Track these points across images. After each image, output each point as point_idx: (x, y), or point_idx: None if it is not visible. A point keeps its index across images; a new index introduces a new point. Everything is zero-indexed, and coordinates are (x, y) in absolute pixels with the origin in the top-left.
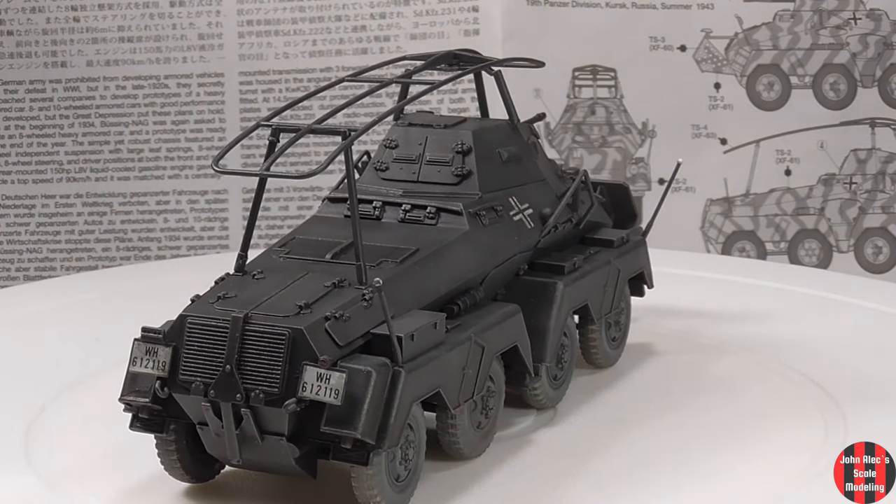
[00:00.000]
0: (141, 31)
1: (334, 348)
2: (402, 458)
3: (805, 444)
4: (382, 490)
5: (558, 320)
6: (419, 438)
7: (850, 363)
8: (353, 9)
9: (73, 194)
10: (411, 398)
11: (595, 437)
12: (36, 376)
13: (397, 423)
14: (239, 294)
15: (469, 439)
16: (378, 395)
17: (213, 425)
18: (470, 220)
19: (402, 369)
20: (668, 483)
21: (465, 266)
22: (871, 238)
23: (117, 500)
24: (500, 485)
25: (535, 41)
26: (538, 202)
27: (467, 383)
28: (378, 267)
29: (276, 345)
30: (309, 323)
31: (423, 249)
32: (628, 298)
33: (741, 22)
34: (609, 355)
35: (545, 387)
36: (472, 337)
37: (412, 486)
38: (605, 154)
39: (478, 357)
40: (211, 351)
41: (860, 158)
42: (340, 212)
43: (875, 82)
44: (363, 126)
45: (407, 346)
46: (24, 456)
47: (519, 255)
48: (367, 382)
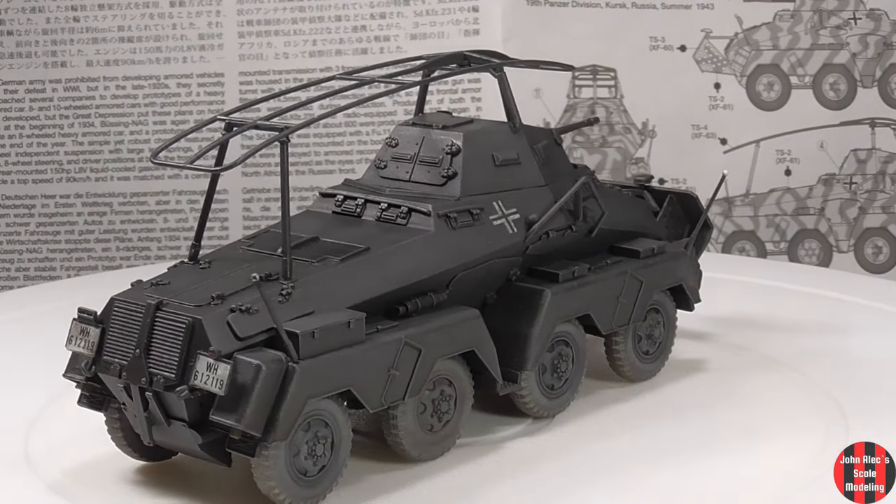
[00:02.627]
0: (141, 31)
1: (233, 340)
2: (309, 453)
3: (805, 443)
4: (282, 483)
5: (543, 328)
6: (336, 436)
7: (850, 363)
8: (353, 9)
9: (73, 194)
10: (307, 394)
11: (577, 443)
12: (36, 376)
13: (287, 417)
14: (173, 281)
15: (416, 441)
16: (267, 388)
17: (129, 406)
18: (437, 222)
19: (296, 365)
20: (669, 483)
21: (418, 267)
22: (871, 238)
23: (117, 499)
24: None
25: (535, 41)
26: (529, 208)
27: (395, 385)
28: (319, 263)
29: (176, 332)
30: (209, 314)
31: (374, 248)
32: (669, 312)
33: (741, 22)
34: (639, 369)
35: (535, 395)
36: (402, 338)
37: (326, 482)
38: (605, 154)
39: (412, 359)
40: (128, 334)
41: (860, 158)
42: (329, 207)
43: (875, 82)
44: (298, 124)
45: (306, 343)
46: (24, 456)
47: (499, 261)
48: (256, 375)
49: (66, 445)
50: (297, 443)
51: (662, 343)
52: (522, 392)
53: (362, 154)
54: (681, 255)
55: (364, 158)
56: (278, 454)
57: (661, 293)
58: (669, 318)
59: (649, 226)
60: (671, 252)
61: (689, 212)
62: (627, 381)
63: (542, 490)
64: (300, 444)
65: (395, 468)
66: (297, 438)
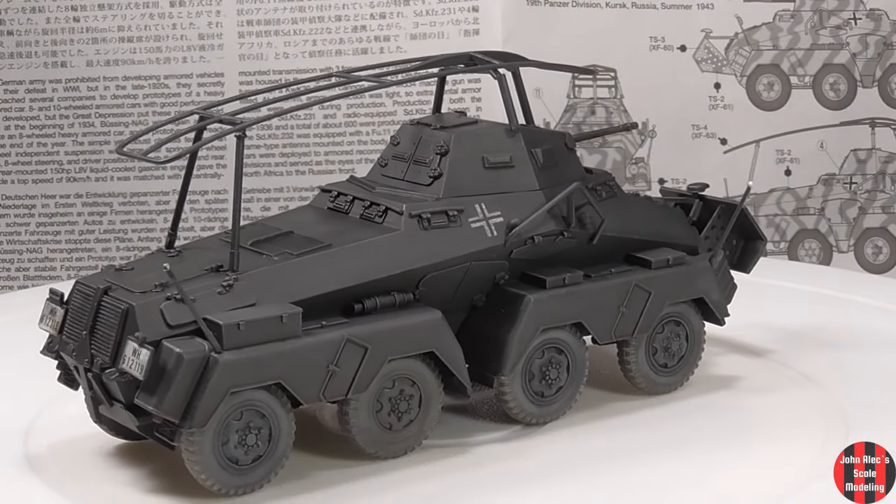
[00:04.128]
0: (141, 31)
1: (163, 327)
2: (240, 442)
3: (805, 443)
4: (207, 469)
5: (523, 334)
6: (275, 427)
7: (850, 362)
8: (353, 9)
9: (73, 194)
10: (228, 385)
11: (576, 442)
12: (36, 376)
13: (205, 406)
14: (137, 267)
15: (372, 438)
16: (187, 376)
17: (82, 385)
18: (407, 222)
19: (217, 356)
20: (668, 482)
21: (378, 266)
22: (871, 238)
23: (118, 499)
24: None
25: (535, 41)
26: (515, 211)
27: (337, 381)
28: (278, 257)
29: (113, 317)
30: (142, 301)
31: (336, 245)
32: (694, 326)
33: (741, 22)
34: (655, 382)
35: (521, 401)
36: (344, 336)
37: (261, 472)
38: (605, 154)
39: (356, 357)
40: (81, 316)
41: (860, 158)
42: (326, 203)
43: (875, 82)
44: (255, 119)
45: (230, 335)
46: (24, 456)
47: (478, 264)
48: (177, 363)
49: (66, 445)
50: (226, 431)
51: (685, 357)
52: (507, 398)
53: (362, 154)
54: (702, 267)
55: (364, 158)
56: (204, 441)
57: (681, 305)
58: (694, 331)
59: (678, 236)
60: (691, 264)
61: (740, 224)
62: (643, 393)
63: (525, 484)
64: (230, 433)
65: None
66: (227, 427)
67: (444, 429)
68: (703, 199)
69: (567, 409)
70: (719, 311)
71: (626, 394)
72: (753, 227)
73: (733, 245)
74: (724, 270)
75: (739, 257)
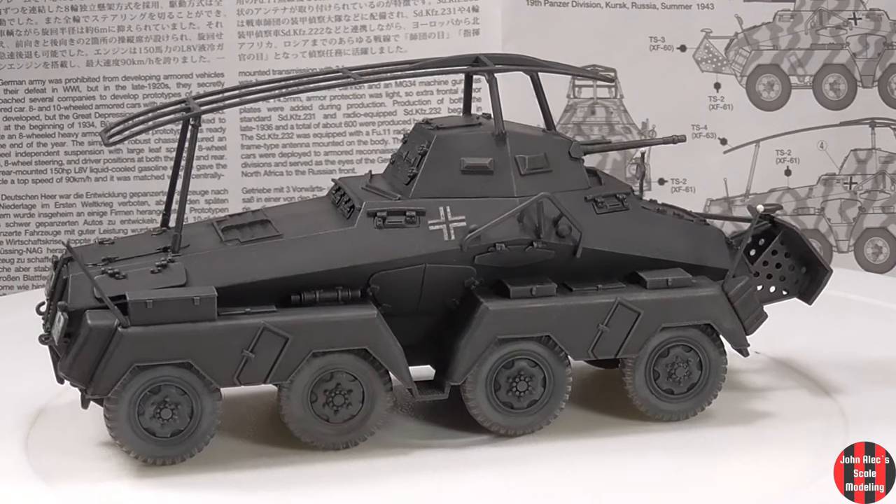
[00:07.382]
0: (141, 31)
1: (91, 300)
2: (155, 415)
3: (805, 444)
4: (123, 437)
5: (477, 342)
6: (196, 405)
7: (850, 362)
8: (353, 9)
9: (73, 194)
10: (131, 359)
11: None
12: (36, 376)
13: (107, 376)
14: (118, 243)
15: (306, 427)
16: (92, 345)
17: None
18: (361, 219)
19: (123, 330)
20: (667, 482)
21: (321, 259)
22: (871, 238)
23: (117, 499)
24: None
25: (535, 41)
26: (481, 218)
27: (252, 367)
28: (230, 243)
29: (59, 287)
30: (77, 273)
31: (286, 236)
32: (710, 353)
33: (741, 22)
34: (656, 407)
35: (484, 409)
36: (262, 324)
37: (182, 447)
38: (604, 154)
39: (276, 347)
40: (51, 284)
41: (860, 158)
42: (331, 196)
43: (875, 82)
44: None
45: (138, 311)
46: (24, 456)
47: (435, 266)
48: (86, 333)
49: (66, 445)
50: (142, 403)
51: (698, 385)
52: (470, 404)
53: (362, 154)
54: (711, 291)
55: (364, 158)
56: (119, 409)
57: (691, 330)
58: (710, 359)
59: (703, 258)
60: (696, 287)
61: (795, 248)
62: (647, 419)
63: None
64: (146, 404)
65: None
66: (143, 399)
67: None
68: (773, 222)
69: (544, 423)
70: (732, 341)
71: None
72: (815, 256)
73: (802, 273)
74: (746, 297)
75: (806, 287)
